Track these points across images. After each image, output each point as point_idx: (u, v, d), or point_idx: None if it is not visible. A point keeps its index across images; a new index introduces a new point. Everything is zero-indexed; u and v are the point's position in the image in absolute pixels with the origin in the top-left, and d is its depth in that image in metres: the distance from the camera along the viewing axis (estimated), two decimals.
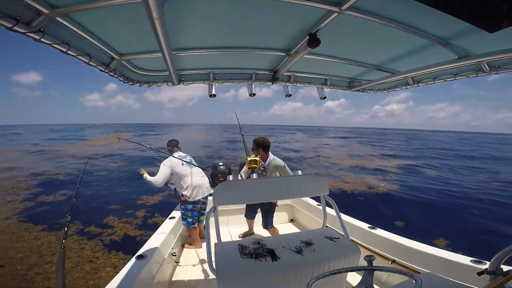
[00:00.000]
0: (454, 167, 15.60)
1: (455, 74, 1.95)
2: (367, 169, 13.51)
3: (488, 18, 0.78)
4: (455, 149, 29.55)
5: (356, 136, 54.82)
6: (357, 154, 20.67)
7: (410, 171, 13.57)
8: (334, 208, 1.83)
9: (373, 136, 55.76)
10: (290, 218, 4.08)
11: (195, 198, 3.15)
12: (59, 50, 1.22)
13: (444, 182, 11.24)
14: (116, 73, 1.78)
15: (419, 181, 11.29)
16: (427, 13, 1.20)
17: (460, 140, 57.18)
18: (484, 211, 7.32)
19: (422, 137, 61.66)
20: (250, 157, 2.54)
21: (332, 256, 1.48)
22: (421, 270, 2.01)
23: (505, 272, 0.93)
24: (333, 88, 2.71)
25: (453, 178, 12.04)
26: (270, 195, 1.82)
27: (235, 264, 1.40)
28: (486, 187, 10.34)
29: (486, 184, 10.88)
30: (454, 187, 10.05)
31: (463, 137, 74.22)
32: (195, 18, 1.37)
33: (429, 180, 11.64)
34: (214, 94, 2.39)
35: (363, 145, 31.59)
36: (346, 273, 1.46)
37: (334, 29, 1.41)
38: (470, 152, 27.21)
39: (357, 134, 63.33)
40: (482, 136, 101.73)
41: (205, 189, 3.21)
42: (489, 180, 11.88)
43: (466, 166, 16.43)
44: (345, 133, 70.87)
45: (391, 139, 46.74)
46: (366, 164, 14.92)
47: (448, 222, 6.49)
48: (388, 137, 55.54)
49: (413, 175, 12.57)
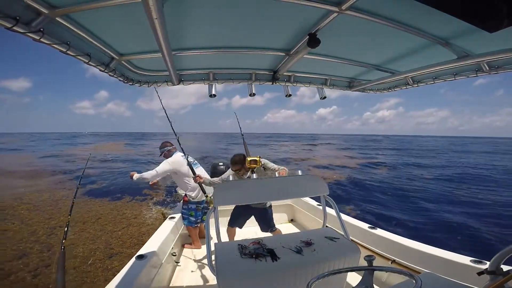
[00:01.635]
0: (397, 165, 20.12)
1: (455, 74, 1.95)
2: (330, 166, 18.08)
3: (488, 18, 0.78)
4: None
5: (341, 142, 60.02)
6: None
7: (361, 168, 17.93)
8: (334, 208, 1.83)
9: (357, 143, 59.67)
10: (290, 218, 4.08)
11: (201, 198, 3.15)
12: (59, 50, 1.22)
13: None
14: (116, 73, 1.78)
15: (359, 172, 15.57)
16: (427, 13, 1.20)
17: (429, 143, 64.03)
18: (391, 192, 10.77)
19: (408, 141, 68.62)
20: (250, 157, 2.54)
21: (332, 256, 1.48)
22: (421, 270, 2.00)
23: (505, 272, 0.93)
24: (333, 88, 2.71)
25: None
26: (270, 195, 1.82)
27: (235, 264, 1.40)
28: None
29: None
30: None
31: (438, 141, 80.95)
32: (195, 18, 1.37)
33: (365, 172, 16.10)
34: (214, 94, 2.39)
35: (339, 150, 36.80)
36: (346, 273, 1.46)
37: (334, 29, 1.41)
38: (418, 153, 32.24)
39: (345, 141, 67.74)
40: (458, 139, 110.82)
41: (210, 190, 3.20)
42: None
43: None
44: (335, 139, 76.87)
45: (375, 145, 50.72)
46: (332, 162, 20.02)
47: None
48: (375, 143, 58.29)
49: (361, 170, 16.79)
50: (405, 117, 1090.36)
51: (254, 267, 1.38)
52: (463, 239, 5.99)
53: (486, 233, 6.21)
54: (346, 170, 16.15)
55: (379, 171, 16.52)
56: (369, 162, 20.61)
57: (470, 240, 5.88)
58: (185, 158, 3.12)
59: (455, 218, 7.36)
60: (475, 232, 6.35)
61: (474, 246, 5.54)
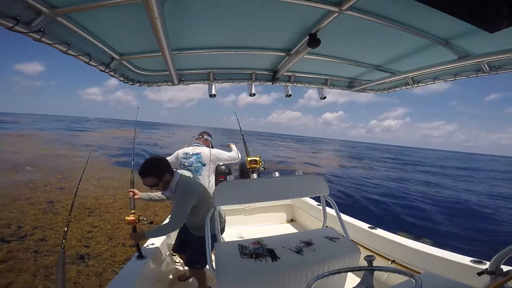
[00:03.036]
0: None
1: (455, 74, 1.95)
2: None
3: (488, 18, 0.78)
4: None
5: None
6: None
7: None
8: (334, 208, 1.83)
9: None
10: (290, 218, 4.08)
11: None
12: (59, 50, 1.23)
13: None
14: (116, 73, 1.78)
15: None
16: (427, 13, 1.20)
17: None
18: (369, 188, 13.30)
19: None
20: (250, 157, 2.54)
21: (332, 256, 1.48)
22: (421, 270, 2.00)
23: (505, 272, 0.92)
24: (333, 88, 2.70)
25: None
26: (270, 195, 1.82)
27: (235, 264, 1.40)
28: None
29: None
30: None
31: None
32: (195, 18, 1.37)
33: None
34: (214, 94, 2.39)
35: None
36: (346, 273, 1.46)
37: (334, 29, 1.41)
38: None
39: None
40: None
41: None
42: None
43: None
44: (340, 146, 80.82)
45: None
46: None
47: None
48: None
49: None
50: (412, 128, 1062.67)
51: (254, 267, 1.38)
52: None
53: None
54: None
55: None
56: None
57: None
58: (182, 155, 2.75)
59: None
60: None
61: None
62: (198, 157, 2.70)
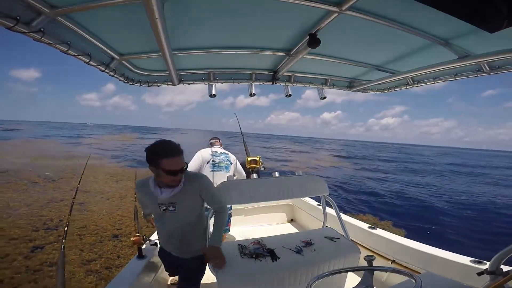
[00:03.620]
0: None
1: (455, 74, 1.95)
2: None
3: (488, 18, 0.78)
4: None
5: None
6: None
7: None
8: (334, 208, 1.83)
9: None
10: (290, 218, 4.08)
11: None
12: (60, 50, 1.23)
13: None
14: (116, 73, 1.78)
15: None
16: (427, 13, 1.20)
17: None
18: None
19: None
20: (250, 157, 2.55)
21: (332, 256, 1.48)
22: (421, 270, 2.00)
23: (505, 272, 0.92)
24: (333, 88, 2.70)
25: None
26: (270, 195, 1.82)
27: (235, 264, 1.40)
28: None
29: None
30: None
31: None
32: (195, 18, 1.37)
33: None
34: (214, 94, 2.39)
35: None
36: (346, 273, 1.46)
37: (334, 29, 1.41)
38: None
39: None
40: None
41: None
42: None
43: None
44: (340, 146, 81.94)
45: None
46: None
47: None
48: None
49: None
50: (409, 125, 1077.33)
51: (254, 267, 1.38)
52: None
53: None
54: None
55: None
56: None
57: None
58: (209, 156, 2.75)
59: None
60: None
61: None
62: (226, 156, 2.81)
